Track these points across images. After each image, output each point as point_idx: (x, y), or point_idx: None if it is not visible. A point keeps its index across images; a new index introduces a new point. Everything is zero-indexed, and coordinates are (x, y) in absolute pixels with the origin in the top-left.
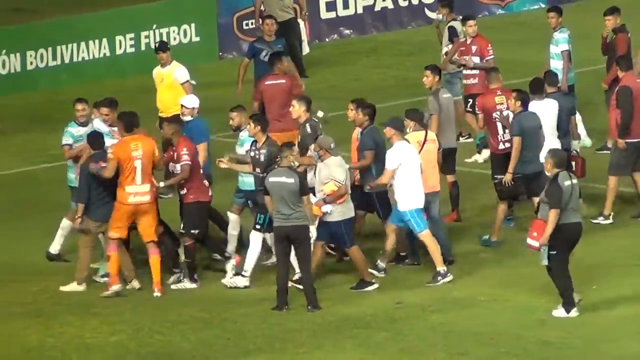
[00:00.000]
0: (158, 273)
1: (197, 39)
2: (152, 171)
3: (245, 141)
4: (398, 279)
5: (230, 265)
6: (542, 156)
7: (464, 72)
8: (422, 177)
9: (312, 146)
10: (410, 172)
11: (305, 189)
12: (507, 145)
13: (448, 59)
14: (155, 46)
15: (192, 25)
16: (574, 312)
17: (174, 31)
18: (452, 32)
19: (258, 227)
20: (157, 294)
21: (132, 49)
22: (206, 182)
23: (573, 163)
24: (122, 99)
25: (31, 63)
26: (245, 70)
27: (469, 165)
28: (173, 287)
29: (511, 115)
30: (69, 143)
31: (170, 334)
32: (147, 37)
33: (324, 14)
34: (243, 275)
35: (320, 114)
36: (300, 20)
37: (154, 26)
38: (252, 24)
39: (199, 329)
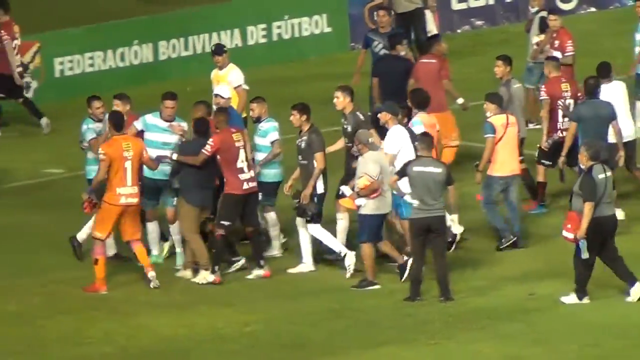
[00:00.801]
0: (146, 258)
1: (329, 29)
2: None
3: (269, 131)
4: (529, 270)
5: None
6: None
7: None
8: (501, 160)
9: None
10: (409, 157)
11: (450, 180)
12: (565, 133)
13: (540, 49)
14: (211, 49)
15: (324, 15)
16: (586, 299)
17: (305, 22)
18: (543, 23)
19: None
20: (151, 273)
21: (264, 40)
22: (243, 175)
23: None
24: (254, 90)
25: (163, 53)
26: (362, 61)
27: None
28: (250, 276)
29: (572, 105)
30: (95, 137)
31: (302, 324)
32: (279, 27)
33: (455, 5)
34: (303, 262)
35: (460, 100)
36: (427, 11)
37: (286, 17)
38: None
39: (330, 320)
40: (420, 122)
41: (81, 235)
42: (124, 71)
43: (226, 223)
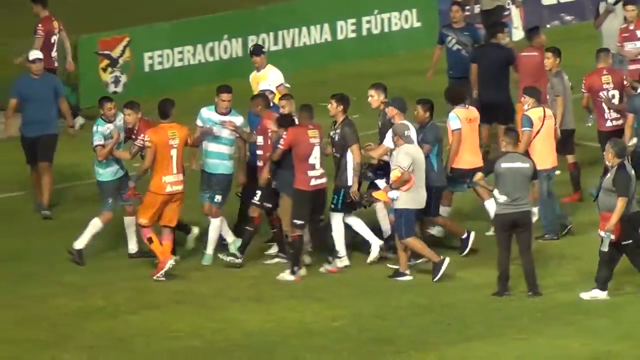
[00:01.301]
0: (165, 252)
1: (418, 24)
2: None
3: None
4: (618, 266)
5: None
6: None
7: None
8: (540, 153)
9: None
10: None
11: (536, 174)
12: (615, 122)
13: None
14: (250, 49)
15: (414, 10)
16: (605, 295)
17: (395, 16)
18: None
19: (333, 206)
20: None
21: (354, 34)
22: (313, 172)
23: None
24: (342, 84)
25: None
26: (438, 57)
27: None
28: (279, 278)
29: (617, 95)
30: (101, 144)
31: (390, 319)
32: (369, 22)
33: (546, 1)
34: (339, 257)
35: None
36: (512, 7)
37: (376, 11)
38: (470, 10)
39: (418, 315)
40: (457, 116)
41: (79, 244)
42: (213, 66)
43: (299, 222)
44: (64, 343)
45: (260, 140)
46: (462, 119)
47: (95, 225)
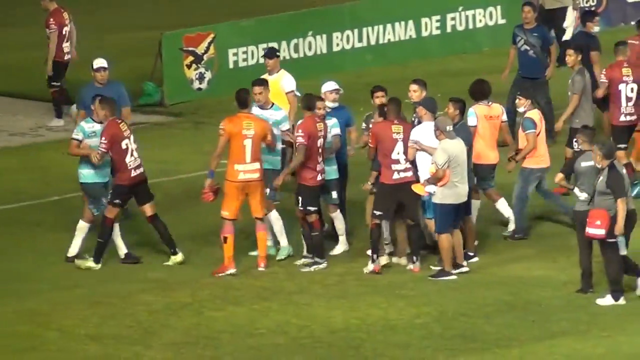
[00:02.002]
0: (264, 248)
1: (503, 21)
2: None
3: (333, 126)
4: None
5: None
6: None
7: None
8: (540, 153)
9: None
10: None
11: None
12: (629, 118)
13: None
14: (264, 51)
15: (498, 7)
16: (622, 300)
17: (479, 13)
18: None
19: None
20: (261, 268)
21: (438, 31)
22: (396, 166)
23: None
24: (426, 82)
25: (337, 45)
26: (513, 56)
27: None
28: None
29: (635, 88)
30: (78, 138)
31: (474, 316)
32: (453, 19)
33: None
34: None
35: None
36: (570, 8)
37: (460, 8)
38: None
39: (503, 312)
40: (474, 113)
41: (72, 251)
42: (298, 62)
43: (378, 212)
44: (149, 340)
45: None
46: (479, 116)
47: (82, 228)
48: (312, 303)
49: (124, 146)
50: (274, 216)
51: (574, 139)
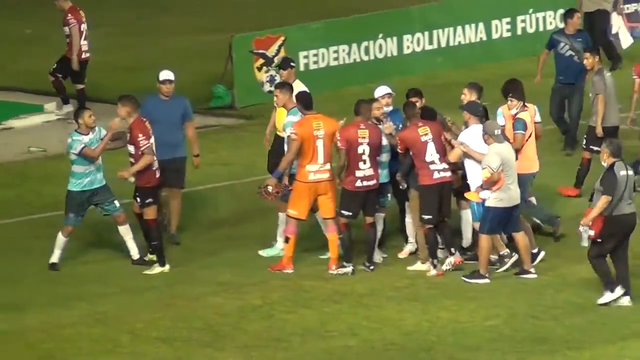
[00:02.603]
0: (335, 250)
1: None
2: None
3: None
4: None
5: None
6: None
7: None
8: (530, 157)
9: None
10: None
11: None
12: None
13: None
14: (278, 62)
15: None
16: (619, 290)
17: (550, 15)
18: None
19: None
20: (332, 271)
21: (509, 34)
22: (434, 166)
23: None
24: (496, 84)
25: (407, 47)
26: (544, 61)
27: None
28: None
29: None
30: (84, 142)
31: (544, 318)
32: (524, 21)
33: None
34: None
35: None
36: (614, 14)
37: (530, 10)
38: (629, 8)
39: (572, 314)
40: (501, 113)
41: (54, 258)
42: (368, 65)
43: (427, 217)
44: (220, 342)
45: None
46: (506, 117)
47: (60, 240)
48: (383, 305)
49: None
50: (284, 217)
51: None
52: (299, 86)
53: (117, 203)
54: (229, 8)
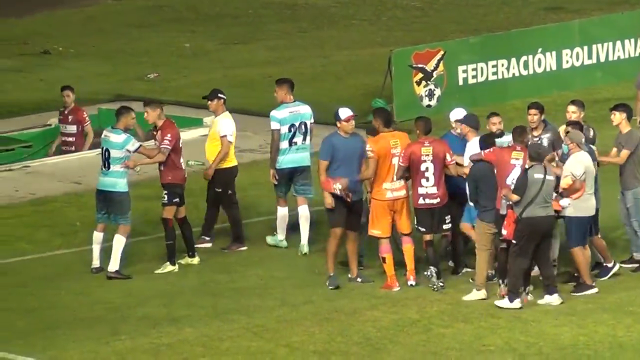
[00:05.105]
0: (412, 261)
1: None
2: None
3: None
4: None
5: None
6: None
7: None
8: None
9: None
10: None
11: None
12: None
13: None
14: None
15: None
16: (517, 303)
17: None
18: None
19: None
20: (411, 282)
21: None
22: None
23: None
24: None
25: (567, 62)
26: None
27: None
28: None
29: None
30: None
31: None
32: None
33: None
34: None
35: None
36: None
37: None
38: None
39: None
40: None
41: (112, 267)
42: (527, 79)
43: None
44: (377, 356)
45: None
46: None
47: (123, 242)
48: (540, 320)
49: (180, 145)
50: (282, 213)
51: None
52: (227, 117)
53: None
54: (390, 22)
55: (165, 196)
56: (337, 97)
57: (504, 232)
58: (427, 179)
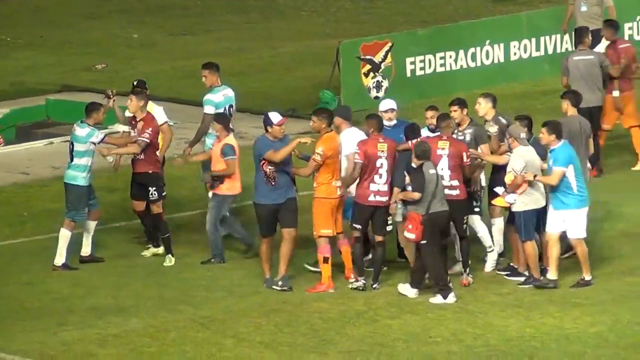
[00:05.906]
0: (350, 261)
1: None
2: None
3: None
4: None
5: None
6: None
7: None
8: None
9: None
10: None
11: None
12: None
13: None
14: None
15: None
16: (451, 298)
17: None
18: None
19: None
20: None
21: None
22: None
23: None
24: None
25: (514, 54)
26: None
27: None
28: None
29: None
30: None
31: None
32: (631, 28)
33: None
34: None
35: None
36: None
37: (638, 18)
38: None
39: None
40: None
41: (57, 260)
42: (475, 71)
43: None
44: (324, 347)
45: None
46: None
47: (68, 236)
48: (487, 312)
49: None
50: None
51: None
52: (153, 108)
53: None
54: (338, 13)
55: (154, 193)
56: (285, 88)
57: (411, 235)
58: (381, 176)
